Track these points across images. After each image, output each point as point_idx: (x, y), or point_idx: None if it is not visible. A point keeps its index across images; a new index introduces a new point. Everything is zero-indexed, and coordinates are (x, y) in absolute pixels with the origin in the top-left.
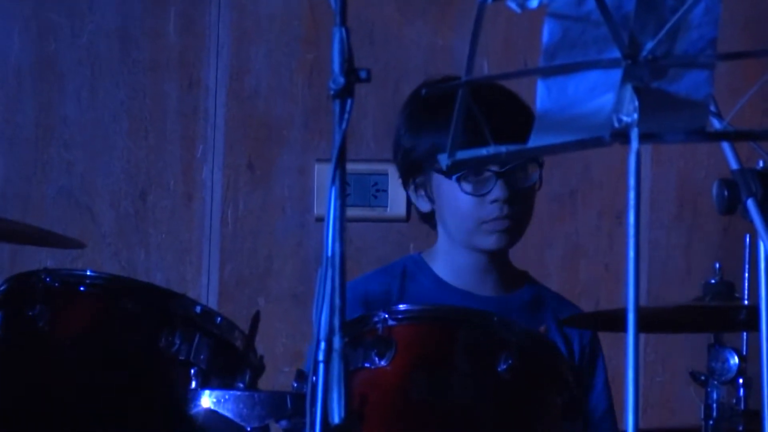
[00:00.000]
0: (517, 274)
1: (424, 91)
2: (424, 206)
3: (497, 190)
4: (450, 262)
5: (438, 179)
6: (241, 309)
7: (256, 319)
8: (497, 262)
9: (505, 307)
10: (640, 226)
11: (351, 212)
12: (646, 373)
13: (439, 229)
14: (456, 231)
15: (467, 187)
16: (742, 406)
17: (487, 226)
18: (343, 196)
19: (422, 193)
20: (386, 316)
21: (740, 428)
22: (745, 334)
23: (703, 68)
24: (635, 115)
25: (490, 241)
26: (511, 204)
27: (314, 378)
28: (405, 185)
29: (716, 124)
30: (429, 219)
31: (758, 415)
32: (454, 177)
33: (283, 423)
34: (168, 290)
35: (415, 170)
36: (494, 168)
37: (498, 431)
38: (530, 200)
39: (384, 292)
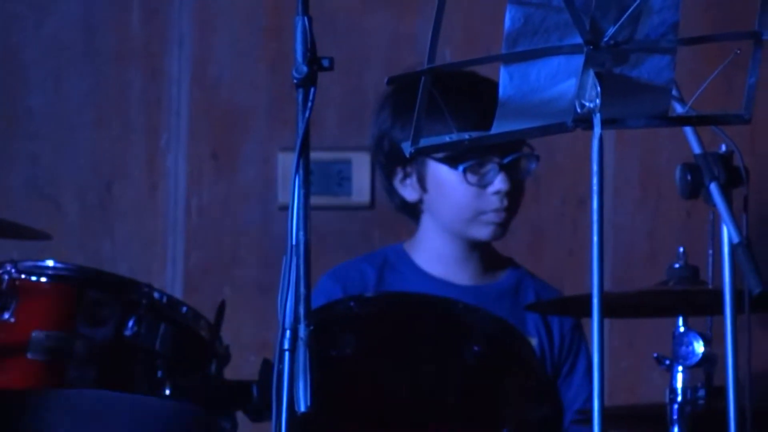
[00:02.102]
0: (501, 260)
1: (387, 80)
2: (412, 195)
3: (499, 182)
4: (431, 252)
5: (436, 168)
6: (207, 298)
7: (221, 309)
8: (479, 250)
9: (484, 295)
10: (604, 211)
11: (315, 200)
12: (611, 358)
13: (425, 218)
14: (451, 220)
15: (472, 178)
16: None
17: (486, 217)
18: (307, 184)
19: (410, 181)
20: (351, 304)
21: (704, 405)
22: (709, 317)
23: (665, 53)
24: (597, 101)
25: (486, 232)
26: (509, 196)
27: (280, 366)
28: (390, 174)
29: (678, 108)
30: (411, 208)
31: (722, 391)
32: (460, 168)
33: (250, 412)
34: (133, 280)
35: (405, 159)
36: (497, 159)
37: (465, 417)
38: (522, 192)
39: (362, 280)
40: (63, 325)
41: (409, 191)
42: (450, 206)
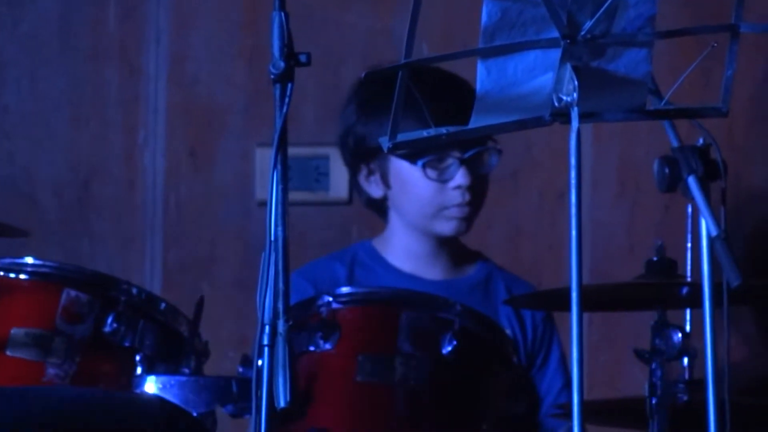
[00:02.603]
0: (470, 254)
1: (363, 74)
2: (376, 192)
3: (460, 177)
4: (400, 248)
5: (397, 164)
6: (185, 295)
7: (200, 305)
8: (448, 245)
9: (454, 289)
10: (582, 205)
11: (293, 196)
12: (590, 352)
13: (391, 214)
14: (415, 217)
15: (432, 173)
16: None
17: (448, 212)
18: (285, 180)
19: (374, 178)
20: (330, 299)
21: (684, 399)
22: (688, 311)
23: (642, 46)
24: (575, 95)
25: (449, 227)
26: (471, 191)
27: (259, 362)
28: (355, 171)
29: (655, 102)
30: (378, 205)
31: (701, 383)
32: (419, 163)
33: (229, 408)
34: (112, 277)
35: (368, 155)
36: (457, 154)
37: (443, 413)
38: (486, 186)
39: (332, 278)
40: (42, 322)
41: (373, 188)
42: (412, 202)
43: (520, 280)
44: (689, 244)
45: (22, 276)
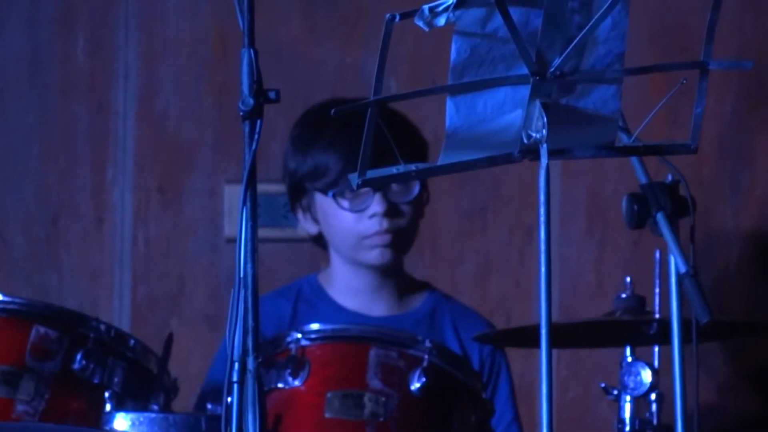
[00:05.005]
0: (416, 285)
1: (333, 110)
2: (312, 228)
3: (375, 205)
4: (342, 283)
5: (320, 199)
6: (154, 331)
7: (169, 342)
8: (391, 278)
9: (398, 325)
10: (551, 241)
11: (261, 233)
12: (559, 389)
13: (330, 250)
14: (341, 248)
15: (344, 203)
16: (655, 421)
17: (368, 241)
18: (254, 216)
19: (308, 215)
20: (299, 336)
21: None
22: (656, 347)
23: (611, 83)
24: (544, 131)
25: (373, 256)
26: (391, 218)
27: (229, 399)
28: (293, 209)
29: (625, 138)
30: (318, 241)
31: (671, 429)
32: (330, 194)
33: None
34: (81, 314)
35: (300, 192)
36: None
37: None
38: (414, 213)
39: (277, 316)
40: (11, 359)
41: (309, 224)
42: (334, 234)
43: (467, 311)
44: (658, 280)
45: None
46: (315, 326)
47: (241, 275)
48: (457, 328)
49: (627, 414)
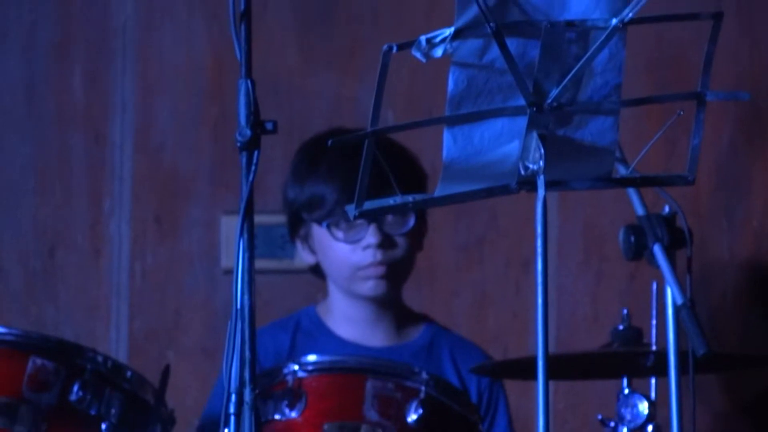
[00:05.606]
0: (415, 317)
1: (329, 141)
2: (309, 259)
3: (370, 236)
4: (342, 314)
5: (316, 230)
6: (151, 363)
7: (165, 373)
8: (389, 309)
9: (396, 355)
10: (548, 273)
11: (258, 264)
12: (556, 421)
13: (328, 281)
14: (337, 279)
15: (339, 233)
16: None
17: (363, 272)
18: (251, 248)
19: (306, 246)
20: (296, 367)
21: None
22: (653, 379)
23: (608, 114)
24: (541, 163)
25: (368, 287)
26: (385, 249)
27: (226, 430)
28: (292, 240)
29: (622, 170)
30: (316, 271)
31: None
32: (324, 224)
33: None
34: (78, 345)
35: (298, 223)
36: None
37: None
38: (409, 245)
39: (275, 347)
40: (8, 390)
41: (307, 255)
42: (330, 264)
43: (466, 343)
44: (654, 311)
45: None
46: (312, 357)
47: (238, 306)
48: (456, 360)
49: None
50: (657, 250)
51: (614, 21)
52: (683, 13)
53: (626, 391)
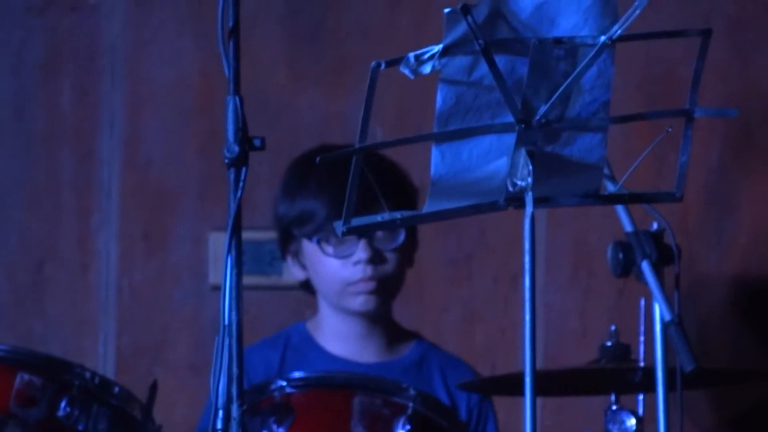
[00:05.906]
0: (405, 334)
1: (318, 158)
2: (299, 274)
3: (359, 252)
4: (331, 330)
5: (306, 245)
6: (139, 378)
7: (153, 389)
8: (379, 325)
9: (386, 371)
10: (536, 289)
11: (246, 280)
12: None
13: (318, 296)
14: (327, 294)
15: (329, 249)
16: None
17: (353, 288)
18: (239, 264)
19: (297, 261)
20: (284, 383)
21: None
22: (641, 395)
23: (596, 131)
24: (529, 179)
25: (358, 303)
26: (375, 265)
27: None
28: (283, 255)
29: (610, 186)
30: (307, 287)
31: None
32: (314, 239)
33: None
34: (65, 361)
35: (288, 238)
36: None
37: None
38: (399, 260)
39: (265, 364)
40: None
41: (297, 270)
42: (320, 280)
43: (455, 360)
44: (642, 328)
45: None
46: (299, 373)
47: (226, 323)
48: (446, 377)
49: None
50: (645, 266)
51: (603, 38)
52: (672, 30)
53: (614, 407)
